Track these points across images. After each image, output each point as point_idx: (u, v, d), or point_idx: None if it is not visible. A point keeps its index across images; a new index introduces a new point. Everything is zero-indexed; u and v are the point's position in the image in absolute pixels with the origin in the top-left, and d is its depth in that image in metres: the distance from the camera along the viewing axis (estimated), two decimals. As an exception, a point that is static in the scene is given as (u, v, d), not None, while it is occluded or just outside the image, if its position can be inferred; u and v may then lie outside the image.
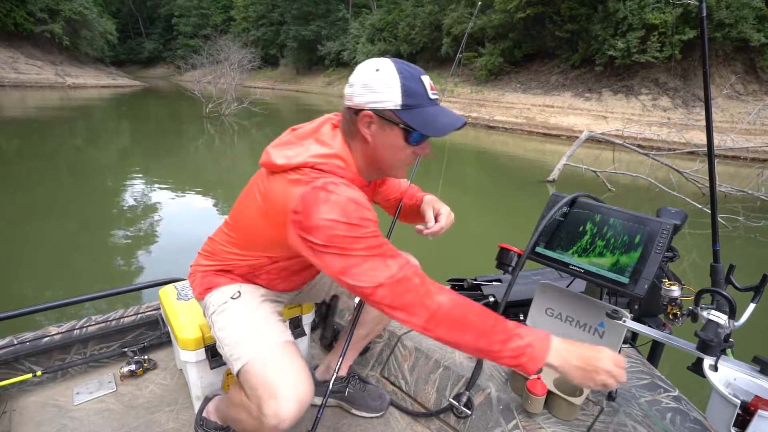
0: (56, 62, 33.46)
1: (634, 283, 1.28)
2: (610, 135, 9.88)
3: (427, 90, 1.10)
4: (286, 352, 1.23)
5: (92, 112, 19.40)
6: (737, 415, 1.50)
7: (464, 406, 1.53)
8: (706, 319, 1.23)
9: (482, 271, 2.30)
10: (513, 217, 7.36)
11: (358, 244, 1.05)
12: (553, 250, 1.48)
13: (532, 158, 12.50)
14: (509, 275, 1.56)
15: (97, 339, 1.88)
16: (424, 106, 1.10)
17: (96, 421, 1.60)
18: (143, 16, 63.13)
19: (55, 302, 1.82)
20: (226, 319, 1.31)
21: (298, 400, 1.12)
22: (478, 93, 22.46)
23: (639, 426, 1.36)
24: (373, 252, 1.06)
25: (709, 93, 1.44)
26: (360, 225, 1.05)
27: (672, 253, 1.45)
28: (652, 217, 1.35)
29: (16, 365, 1.74)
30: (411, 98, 1.08)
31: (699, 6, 1.33)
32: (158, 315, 1.97)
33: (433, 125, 1.10)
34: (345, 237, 1.04)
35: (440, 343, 1.77)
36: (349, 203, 1.06)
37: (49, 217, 5.93)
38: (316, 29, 40.82)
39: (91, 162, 9.61)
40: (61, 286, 4.20)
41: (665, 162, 8.35)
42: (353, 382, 1.70)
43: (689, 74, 17.32)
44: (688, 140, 10.78)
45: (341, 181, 1.11)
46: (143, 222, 6.23)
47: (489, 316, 1.04)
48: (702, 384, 1.66)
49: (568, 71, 20.37)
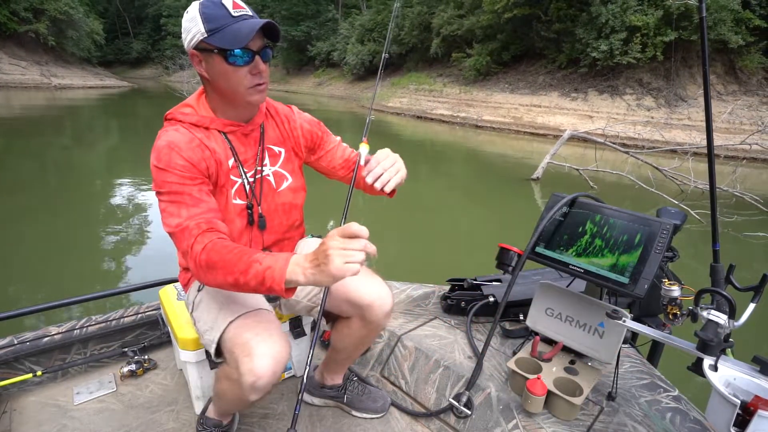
0: (42, 62, 32.82)
1: (634, 283, 1.28)
2: (593, 134, 10.10)
3: (229, 10, 1.12)
4: (259, 316, 1.24)
5: (79, 113, 19.15)
6: (737, 415, 1.50)
7: (464, 406, 1.52)
8: (706, 319, 1.23)
9: (467, 264, 2.31)
10: (497, 213, 7.46)
11: (163, 188, 1.15)
12: (553, 250, 1.48)
13: (520, 157, 12.60)
14: (509, 275, 1.57)
15: (97, 339, 1.88)
16: (228, 25, 1.11)
17: (96, 421, 1.60)
18: (131, 16, 62.15)
19: (55, 302, 1.82)
20: (201, 312, 1.33)
21: (273, 357, 1.14)
22: (466, 93, 22.56)
23: (639, 426, 1.37)
24: (173, 198, 1.14)
25: (708, 93, 1.44)
26: (166, 170, 1.14)
27: (672, 253, 1.45)
28: (652, 217, 1.35)
29: (17, 365, 1.73)
30: (212, 22, 1.11)
31: (699, 6, 1.34)
32: (158, 315, 1.97)
33: (237, 38, 1.11)
34: (156, 180, 1.15)
35: (440, 343, 1.79)
36: (164, 148, 1.15)
37: (43, 217, 5.87)
38: (306, 30, 40.63)
39: (78, 163, 9.50)
40: (61, 286, 4.18)
41: (645, 160, 8.57)
42: (351, 386, 1.68)
43: (671, 74, 17.65)
44: (670, 139, 10.94)
45: (173, 128, 1.21)
46: (143, 222, 6.20)
47: (235, 254, 1.04)
48: (702, 384, 1.67)
49: (555, 71, 20.55)
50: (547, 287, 1.60)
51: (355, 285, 1.41)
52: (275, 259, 1.01)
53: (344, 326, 1.51)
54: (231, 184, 1.30)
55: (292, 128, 1.45)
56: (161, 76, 51.28)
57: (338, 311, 1.49)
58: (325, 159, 1.54)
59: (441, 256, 5.15)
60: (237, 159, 1.30)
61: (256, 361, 1.11)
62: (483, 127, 19.16)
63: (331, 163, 1.54)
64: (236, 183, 1.31)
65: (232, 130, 1.29)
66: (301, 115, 1.50)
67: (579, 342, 1.51)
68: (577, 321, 1.52)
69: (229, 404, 1.34)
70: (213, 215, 1.17)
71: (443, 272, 2.37)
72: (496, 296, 1.95)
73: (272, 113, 1.42)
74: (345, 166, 1.56)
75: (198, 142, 1.21)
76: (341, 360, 1.63)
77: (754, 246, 6.05)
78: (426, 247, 5.38)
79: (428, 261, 4.93)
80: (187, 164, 1.16)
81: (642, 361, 1.69)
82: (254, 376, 1.11)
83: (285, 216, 1.45)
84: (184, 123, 1.23)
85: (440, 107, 22.17)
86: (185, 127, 1.23)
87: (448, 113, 21.17)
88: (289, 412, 1.67)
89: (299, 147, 1.47)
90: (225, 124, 1.27)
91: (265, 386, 1.13)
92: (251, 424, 1.61)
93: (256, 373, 1.11)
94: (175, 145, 1.16)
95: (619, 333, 1.43)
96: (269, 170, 1.39)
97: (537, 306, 1.63)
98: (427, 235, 5.92)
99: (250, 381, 1.11)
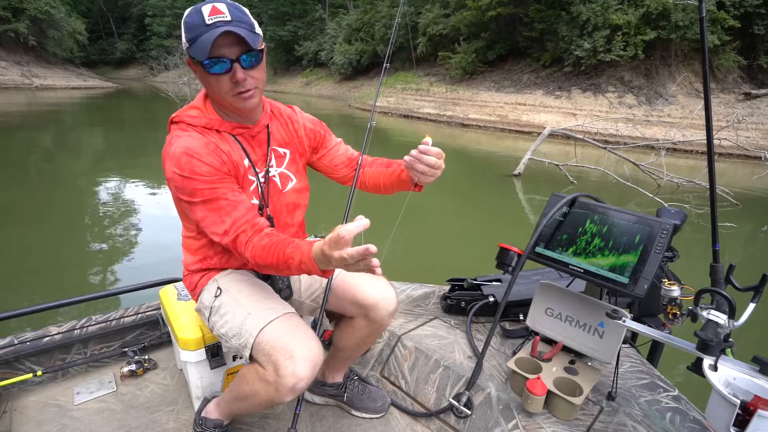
0: (22, 62, 32.10)
1: (633, 283, 1.29)
2: (572, 130, 10.39)
3: (204, 17, 1.09)
4: (292, 320, 1.27)
5: (62, 115, 18.80)
6: (737, 415, 1.51)
7: (464, 406, 1.52)
8: (706, 319, 1.24)
9: (454, 259, 2.31)
10: (481, 208, 7.61)
11: (196, 196, 1.16)
12: (553, 250, 1.48)
13: (504, 155, 12.73)
14: (509, 275, 1.57)
15: (97, 339, 1.88)
16: (201, 34, 1.09)
17: (96, 421, 1.60)
18: (114, 16, 60.84)
19: (55, 302, 1.82)
20: (221, 316, 1.33)
21: (312, 360, 1.17)
22: (452, 92, 22.66)
23: (639, 426, 1.37)
24: (211, 206, 1.17)
25: (708, 93, 1.44)
26: (192, 177, 1.14)
27: (672, 253, 1.46)
28: (652, 217, 1.36)
29: (17, 365, 1.73)
30: (191, 32, 1.10)
31: (699, 6, 1.34)
32: (158, 315, 1.97)
33: (203, 48, 1.08)
34: (183, 188, 1.15)
35: (440, 343, 1.79)
36: (182, 155, 1.14)
37: (37, 219, 5.80)
38: (293, 29, 40.38)
39: (63, 167, 9.36)
40: (61, 287, 4.16)
41: (622, 155, 8.91)
42: (351, 385, 1.69)
43: (652, 73, 18.06)
44: (650, 136, 11.18)
45: (184, 134, 1.19)
46: (142, 222, 6.17)
47: (273, 254, 1.11)
48: (701, 384, 1.68)
49: (539, 70, 20.78)
50: (547, 287, 1.61)
51: (360, 285, 1.44)
52: (301, 253, 1.05)
53: (347, 325, 1.53)
54: (249, 184, 1.31)
55: (295, 129, 1.45)
56: (146, 76, 50.55)
57: (342, 311, 1.51)
58: (326, 158, 1.54)
59: (430, 254, 5.17)
60: (250, 160, 1.30)
61: (299, 364, 1.15)
62: (469, 125, 19.28)
63: (332, 162, 1.54)
64: (253, 183, 1.32)
65: (240, 132, 1.28)
66: (304, 115, 1.50)
67: (579, 342, 1.52)
68: (577, 321, 1.53)
69: (253, 406, 1.34)
70: (252, 214, 1.20)
71: (430, 270, 2.38)
72: (496, 296, 1.95)
73: (276, 114, 1.42)
74: (347, 164, 1.56)
75: (214, 146, 1.21)
76: (342, 359, 1.65)
77: (754, 246, 6.26)
78: (420, 246, 5.39)
79: (419, 258, 4.95)
80: (211, 168, 1.16)
81: (642, 361, 1.70)
82: (296, 378, 1.14)
83: (289, 216, 1.46)
84: (195, 126, 1.22)
85: (427, 106, 22.23)
86: (197, 131, 1.21)
87: (435, 112, 21.23)
88: (288, 411, 1.66)
89: (303, 147, 1.47)
90: (233, 126, 1.27)
91: (303, 388, 1.17)
92: (251, 424, 1.60)
93: (297, 375, 1.14)
94: (194, 152, 1.15)
95: (619, 333, 1.43)
96: (275, 171, 1.39)
97: (537, 306, 1.63)
98: (424, 233, 5.94)
99: (291, 383, 1.14)
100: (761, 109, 15.65)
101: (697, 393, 1.65)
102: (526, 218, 6.91)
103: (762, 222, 7.33)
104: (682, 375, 1.72)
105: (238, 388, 1.33)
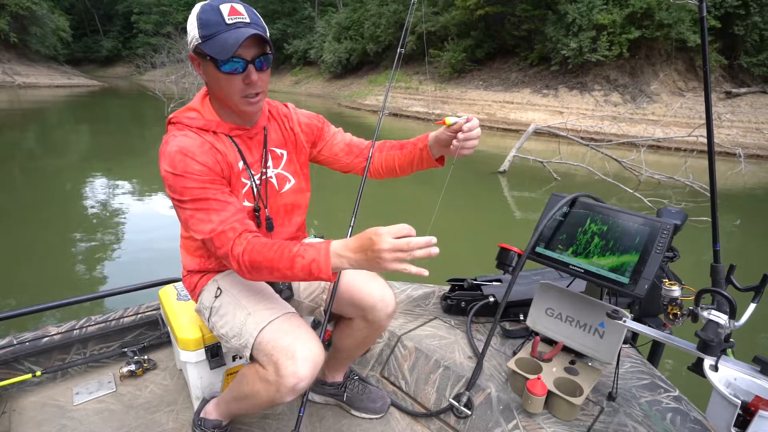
0: (3, 60, 31.31)
1: (634, 283, 1.29)
2: (557, 128, 10.58)
3: (224, 16, 1.09)
4: (292, 320, 1.27)
5: (46, 114, 18.49)
6: (738, 415, 1.52)
7: (464, 406, 1.52)
8: (707, 319, 1.24)
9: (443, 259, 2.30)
10: (467, 205, 7.63)
11: (185, 195, 1.15)
12: (553, 250, 1.48)
13: (492, 153, 12.83)
14: (509, 275, 1.56)
15: (96, 339, 1.88)
16: (220, 33, 1.09)
17: (96, 421, 1.60)
18: (99, 13, 59.59)
19: (55, 302, 1.82)
20: (221, 317, 1.33)
21: (313, 360, 1.18)
22: (441, 90, 22.76)
23: (639, 426, 1.38)
24: (200, 205, 1.15)
25: (709, 93, 1.44)
26: (183, 176, 1.13)
27: (672, 253, 1.46)
28: (653, 217, 1.36)
29: (16, 365, 1.73)
30: (207, 28, 1.10)
31: (699, 6, 1.34)
32: (158, 315, 1.96)
33: (224, 47, 1.08)
34: (174, 186, 1.14)
35: (440, 344, 1.79)
36: (177, 154, 1.14)
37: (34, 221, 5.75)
38: (283, 28, 40.16)
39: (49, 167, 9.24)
40: (60, 287, 4.14)
41: (604, 152, 9.10)
42: (351, 384, 1.69)
43: (637, 72, 18.38)
44: (636, 134, 11.40)
45: (181, 133, 1.19)
46: (141, 223, 6.18)
47: (275, 251, 1.09)
48: (702, 384, 1.69)
49: (527, 69, 20.99)
50: (547, 287, 1.61)
51: (358, 287, 1.44)
52: (316, 251, 1.04)
53: (346, 326, 1.54)
54: (241, 186, 1.30)
55: (291, 127, 1.44)
56: (133, 75, 49.92)
57: (341, 312, 1.51)
58: (326, 149, 1.53)
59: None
60: (245, 162, 1.30)
61: (299, 364, 1.15)
62: (458, 123, 19.34)
63: (332, 150, 1.53)
64: (246, 186, 1.31)
65: (237, 133, 1.28)
66: (298, 111, 1.49)
67: (579, 342, 1.52)
68: (578, 321, 1.53)
69: (253, 406, 1.33)
70: (242, 215, 1.18)
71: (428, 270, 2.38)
72: (496, 296, 1.95)
73: (273, 114, 1.41)
74: (347, 151, 1.54)
75: (209, 146, 1.20)
76: (342, 359, 1.65)
77: (755, 246, 6.35)
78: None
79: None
80: (204, 168, 1.16)
81: (642, 362, 1.70)
82: (297, 378, 1.14)
83: (288, 217, 1.45)
84: (192, 128, 1.21)
85: (416, 104, 22.25)
86: (194, 132, 1.21)
87: (424, 110, 21.23)
88: (288, 412, 1.67)
89: (301, 144, 1.45)
90: (231, 127, 1.26)
91: (304, 388, 1.17)
92: (251, 425, 1.59)
93: (298, 375, 1.14)
94: (188, 151, 1.15)
95: (620, 333, 1.43)
96: (272, 172, 1.38)
97: (537, 306, 1.63)
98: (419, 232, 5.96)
99: (292, 383, 1.14)
100: (741, 108, 16.01)
101: (698, 393, 1.66)
102: (512, 215, 6.98)
103: (737, 216, 7.54)
104: (683, 375, 1.73)
105: (238, 388, 1.33)
